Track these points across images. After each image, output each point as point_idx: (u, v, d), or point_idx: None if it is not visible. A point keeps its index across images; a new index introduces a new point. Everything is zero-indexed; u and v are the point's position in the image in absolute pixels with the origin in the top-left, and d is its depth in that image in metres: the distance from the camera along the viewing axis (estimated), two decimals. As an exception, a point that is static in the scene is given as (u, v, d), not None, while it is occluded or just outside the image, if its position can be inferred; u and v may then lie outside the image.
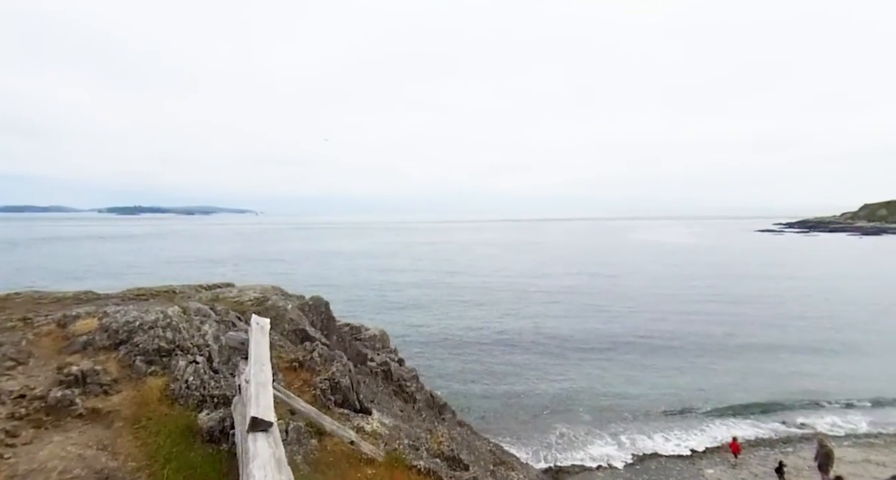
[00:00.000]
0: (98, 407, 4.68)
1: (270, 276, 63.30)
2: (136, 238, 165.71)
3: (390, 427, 6.75)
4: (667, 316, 40.72)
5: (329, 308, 12.25)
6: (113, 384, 4.97)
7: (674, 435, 21.29)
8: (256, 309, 10.03)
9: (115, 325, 5.54)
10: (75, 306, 8.66)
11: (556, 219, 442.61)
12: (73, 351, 5.36)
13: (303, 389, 6.52)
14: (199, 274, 66.56)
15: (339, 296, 48.97)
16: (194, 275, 63.69)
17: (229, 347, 4.58)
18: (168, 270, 71.64)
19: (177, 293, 11.86)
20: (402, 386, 12.57)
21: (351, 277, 64.60)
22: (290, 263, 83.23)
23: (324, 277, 64.49)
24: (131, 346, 5.31)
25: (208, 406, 4.93)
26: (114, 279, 62.64)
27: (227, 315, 9.25)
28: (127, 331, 5.45)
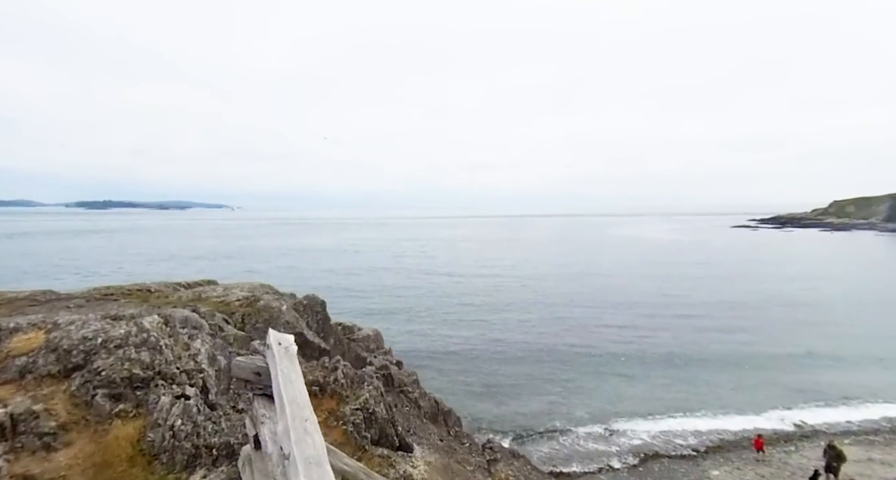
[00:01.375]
0: (32, 474, 3.06)
1: (250, 274, 61.19)
2: (105, 233, 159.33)
3: (440, 469, 5.63)
4: (659, 315, 40.47)
5: (325, 308, 11.06)
6: (60, 432, 3.30)
7: (675, 435, 20.75)
8: (246, 310, 8.79)
9: (67, 342, 3.79)
10: (26, 309, 7.29)
11: (537, 216, 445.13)
12: (3, 381, 3.66)
13: (329, 423, 5.26)
14: (174, 271, 63.89)
15: (323, 294, 47.41)
16: (170, 272, 61.17)
17: (236, 379, 2.98)
18: (141, 267, 68.62)
19: (152, 292, 10.49)
20: (404, 392, 11.48)
21: (332, 274, 62.89)
22: (268, 259, 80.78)
23: (304, 274, 62.62)
24: (90, 374, 3.55)
25: (204, 464, 3.46)
26: (80, 277, 59.62)
27: (212, 317, 7.99)
28: (84, 352, 3.72)
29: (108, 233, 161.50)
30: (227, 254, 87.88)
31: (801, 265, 67.48)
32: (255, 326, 8.43)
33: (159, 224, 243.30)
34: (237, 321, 8.50)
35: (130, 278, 54.57)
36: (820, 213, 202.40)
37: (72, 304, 8.15)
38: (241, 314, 8.71)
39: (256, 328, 8.40)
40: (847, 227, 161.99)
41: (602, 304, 42.66)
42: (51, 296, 9.78)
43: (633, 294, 47.23)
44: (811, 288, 51.26)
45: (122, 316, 3.97)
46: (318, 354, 8.74)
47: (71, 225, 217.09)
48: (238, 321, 8.51)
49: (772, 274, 59.06)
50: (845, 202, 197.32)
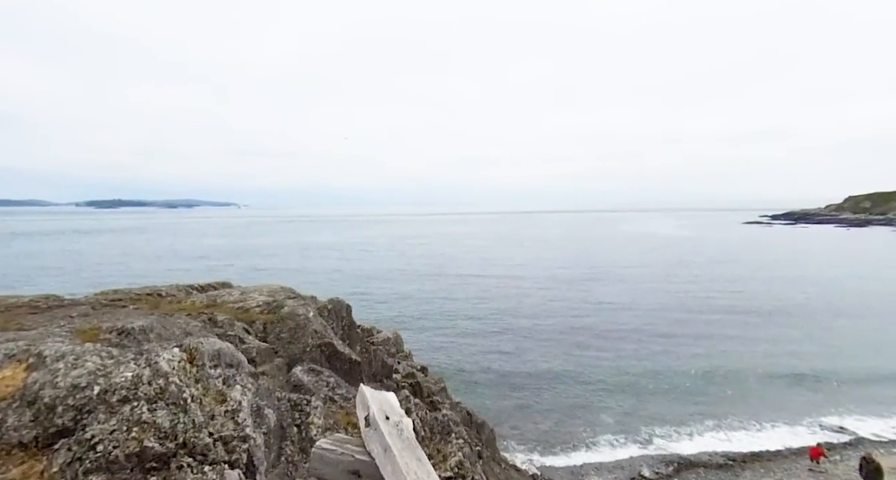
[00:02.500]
0: None
1: (258, 273, 60.66)
2: (115, 232, 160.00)
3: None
4: (680, 312, 39.33)
5: (350, 312, 10.16)
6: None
7: (708, 444, 19.70)
8: (268, 317, 7.90)
9: (50, 392, 2.60)
10: (23, 319, 6.44)
11: (542, 212, 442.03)
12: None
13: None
14: (183, 269, 63.50)
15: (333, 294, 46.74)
16: (178, 271, 60.74)
17: (314, 470, 1.75)
18: (149, 266, 68.35)
19: (163, 296, 9.64)
20: (434, 404, 10.58)
21: (340, 273, 62.14)
22: (275, 258, 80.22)
23: (313, 273, 61.95)
24: (80, 447, 2.41)
25: None
26: (89, 276, 59.41)
27: (231, 327, 7.11)
28: (73, 408, 2.55)
29: (118, 232, 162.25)
30: (235, 253, 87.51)
31: (827, 264, 65.44)
32: (279, 336, 7.54)
33: (168, 222, 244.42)
34: (258, 330, 7.62)
35: (139, 278, 54.40)
36: (834, 209, 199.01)
37: (75, 313, 7.31)
38: (263, 322, 7.82)
39: (281, 338, 7.51)
40: (863, 223, 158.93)
41: (623, 307, 41.34)
42: (53, 302, 8.96)
43: (656, 296, 45.79)
44: (843, 288, 49.28)
45: (127, 346, 2.94)
46: (349, 366, 7.86)
47: (82, 224, 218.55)
48: (259, 330, 7.63)
49: (800, 275, 56.76)
50: (860, 197, 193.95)
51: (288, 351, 7.21)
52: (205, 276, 57.19)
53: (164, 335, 5.85)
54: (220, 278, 48.03)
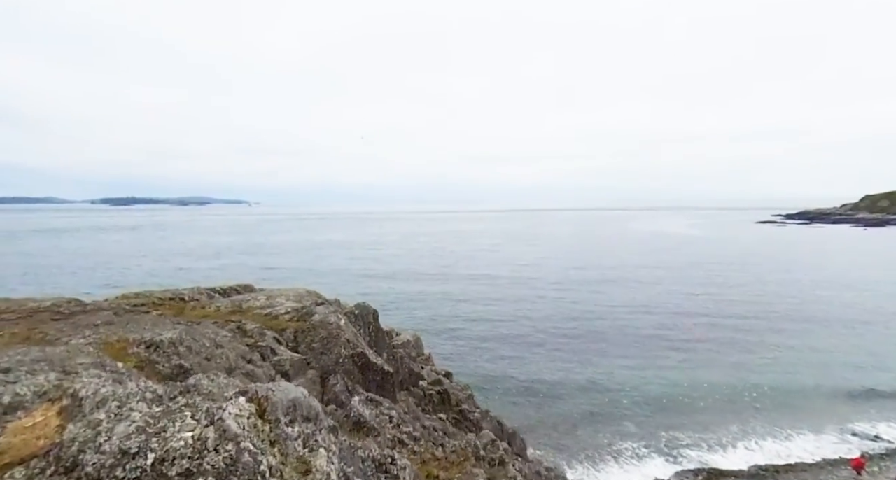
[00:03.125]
0: None
1: (270, 272, 60.80)
2: (130, 229, 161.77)
3: None
4: (699, 315, 38.44)
5: (377, 318, 9.76)
6: None
7: (739, 452, 19.03)
8: (298, 325, 7.52)
9: (93, 457, 2.05)
10: (45, 327, 6.11)
11: (551, 210, 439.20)
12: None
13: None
14: (198, 268, 63.77)
15: (344, 294, 46.63)
16: (194, 270, 61.04)
17: None
18: (165, 263, 68.75)
19: (186, 301, 9.31)
20: (463, 413, 10.14)
21: (350, 272, 61.92)
22: (289, 256, 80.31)
23: (324, 273, 61.85)
24: None
25: None
26: (106, 274, 59.91)
27: (262, 337, 6.73)
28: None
29: (133, 229, 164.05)
30: (247, 251, 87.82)
31: (849, 265, 63.73)
32: (310, 346, 7.15)
33: (181, 220, 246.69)
34: (289, 339, 7.24)
35: (156, 277, 54.63)
36: (850, 208, 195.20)
37: (99, 320, 6.98)
38: (294, 330, 7.44)
39: (313, 348, 7.12)
40: (881, 223, 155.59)
41: (640, 310, 40.36)
42: (75, 307, 8.67)
43: (674, 298, 44.72)
44: (868, 291, 47.73)
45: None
46: (381, 377, 7.46)
47: (97, 221, 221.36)
48: (290, 339, 7.25)
49: (823, 277, 55.06)
50: (878, 196, 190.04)
51: (320, 362, 6.82)
52: (220, 275, 57.42)
53: (194, 347, 5.49)
54: (235, 277, 48.52)
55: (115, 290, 45.58)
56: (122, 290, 41.19)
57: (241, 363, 5.82)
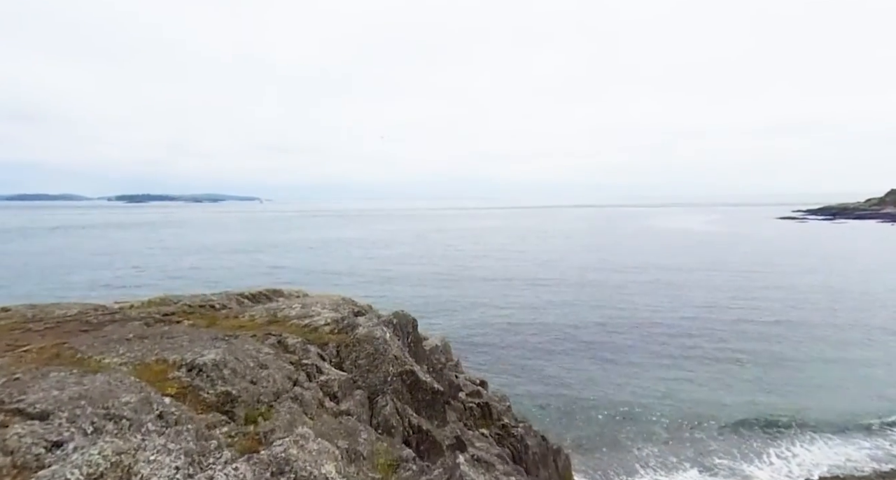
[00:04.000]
0: None
1: (281, 272, 60.89)
2: (146, 226, 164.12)
3: None
4: (728, 317, 37.36)
5: (416, 328, 9.22)
6: None
7: (781, 458, 18.25)
8: (340, 338, 6.99)
9: None
10: (74, 339, 5.67)
11: (565, 206, 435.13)
12: None
13: None
14: (214, 265, 64.13)
15: (358, 292, 46.45)
16: (209, 267, 61.41)
17: None
18: (181, 261, 69.27)
19: (217, 309, 8.87)
20: (506, 428, 9.56)
21: (365, 270, 61.62)
22: (300, 253, 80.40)
23: (337, 270, 61.72)
24: None
25: None
26: (125, 272, 60.52)
27: (305, 353, 6.22)
28: None
29: (149, 225, 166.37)
30: (259, 249, 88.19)
31: (888, 265, 61.63)
32: (356, 363, 6.62)
33: (194, 217, 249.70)
34: (331, 354, 6.71)
35: (171, 276, 54.93)
36: (875, 203, 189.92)
37: (131, 333, 6.54)
38: (336, 344, 6.91)
39: (358, 365, 6.59)
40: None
41: (669, 314, 39.10)
42: (103, 316, 8.27)
43: (702, 297, 43.57)
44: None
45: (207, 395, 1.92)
46: (431, 397, 6.92)
47: (114, 218, 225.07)
48: (333, 354, 6.72)
49: (862, 277, 53.11)
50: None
51: (367, 381, 6.30)
52: (238, 274, 57.50)
53: (238, 370, 4.99)
54: (249, 275, 48.85)
55: (130, 290, 45.87)
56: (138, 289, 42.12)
57: (287, 385, 5.32)
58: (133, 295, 42.24)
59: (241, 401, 4.50)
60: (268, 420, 4.52)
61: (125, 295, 40.33)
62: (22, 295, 41.66)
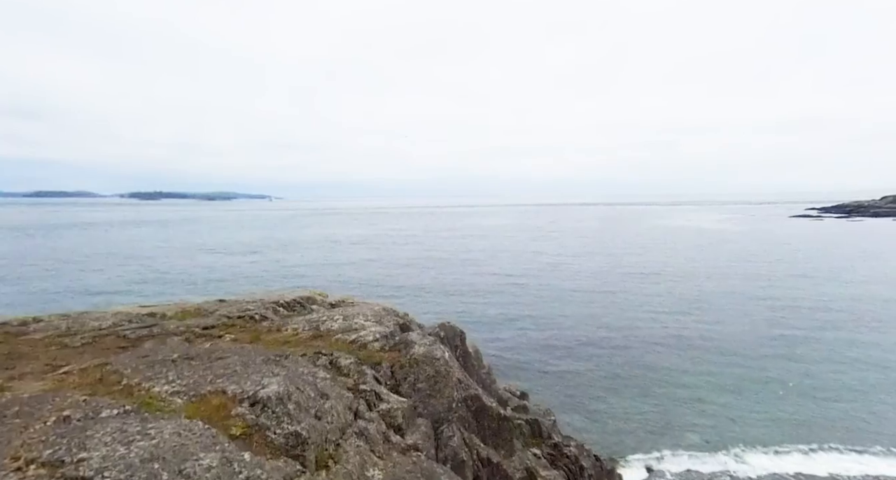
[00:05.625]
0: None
1: (288, 271, 60.85)
2: (160, 223, 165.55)
3: None
4: (752, 320, 36.39)
5: (464, 340, 8.71)
6: None
7: (822, 465, 17.53)
8: (395, 357, 6.51)
9: None
10: (114, 357, 5.21)
11: (575, 204, 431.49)
12: None
13: None
14: (234, 265, 64.18)
15: (372, 293, 46.18)
16: (224, 266, 61.53)
17: None
18: (197, 260, 69.47)
19: (257, 320, 8.43)
20: (558, 448, 9.02)
21: (375, 270, 61.25)
22: (311, 252, 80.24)
23: (348, 270, 61.45)
24: None
25: None
26: (142, 271, 60.84)
27: (362, 376, 5.72)
28: None
29: (163, 223, 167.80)
30: (271, 246, 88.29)
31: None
32: (414, 386, 6.12)
33: (206, 215, 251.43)
34: (386, 376, 6.22)
35: (188, 275, 54.96)
36: (892, 201, 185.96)
37: (175, 353, 6.09)
38: (390, 364, 6.42)
39: (418, 389, 6.09)
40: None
41: (690, 317, 38.25)
42: (139, 328, 7.87)
43: (721, 303, 42.54)
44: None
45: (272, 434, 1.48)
46: (498, 425, 6.41)
47: (128, 216, 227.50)
48: (387, 376, 6.23)
49: (886, 278, 51.84)
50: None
51: (429, 408, 5.81)
52: (256, 273, 57.27)
53: (302, 402, 4.51)
54: (271, 275, 48.12)
55: (151, 289, 45.85)
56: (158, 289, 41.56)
57: (348, 416, 4.85)
58: (156, 296, 42.05)
59: (311, 443, 4.02)
60: (338, 462, 4.05)
61: (146, 296, 40.39)
62: (43, 294, 41.89)
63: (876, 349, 30.16)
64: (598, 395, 24.29)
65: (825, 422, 21.27)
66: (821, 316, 37.24)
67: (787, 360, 28.49)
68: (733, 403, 23.15)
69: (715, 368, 27.42)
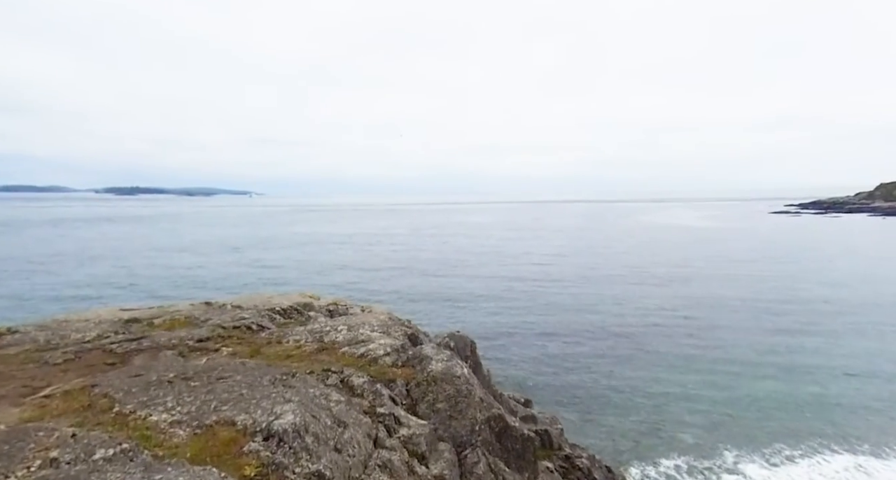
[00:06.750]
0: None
1: (278, 271, 59.76)
2: (141, 220, 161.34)
3: None
4: (737, 317, 36.80)
5: (475, 351, 8.31)
6: None
7: (800, 465, 17.62)
8: (409, 374, 6.06)
9: None
10: (104, 375, 4.64)
11: (560, 201, 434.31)
12: None
13: None
14: (219, 264, 62.61)
15: (356, 294, 45.59)
16: (215, 265, 59.95)
17: None
18: (180, 258, 67.68)
19: (255, 331, 7.90)
20: (570, 460, 8.70)
21: (360, 269, 60.47)
22: (292, 250, 78.89)
23: (331, 268, 60.58)
24: None
25: None
26: (117, 271, 59.02)
27: (378, 398, 5.27)
28: None
29: (139, 219, 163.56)
30: (251, 245, 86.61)
31: (886, 257, 61.66)
32: (433, 407, 5.69)
33: (187, 211, 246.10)
34: (401, 395, 5.78)
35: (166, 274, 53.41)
36: (865, 197, 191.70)
37: (171, 373, 5.53)
38: (405, 381, 5.98)
39: (437, 410, 5.66)
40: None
41: (677, 314, 38.37)
42: (127, 342, 7.25)
43: (706, 299, 42.90)
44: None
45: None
46: (521, 446, 6.03)
47: (103, 211, 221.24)
48: (402, 394, 5.79)
49: (871, 272, 53.12)
50: (893, 185, 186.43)
51: (450, 431, 5.39)
52: (238, 273, 55.85)
53: (321, 435, 4.05)
54: (246, 275, 46.67)
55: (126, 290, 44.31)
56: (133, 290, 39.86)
57: (369, 446, 4.41)
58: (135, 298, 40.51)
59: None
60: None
61: (124, 299, 38.93)
62: (10, 299, 39.81)
63: (862, 345, 30.77)
64: (592, 397, 24.18)
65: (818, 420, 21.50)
66: (807, 313, 37.85)
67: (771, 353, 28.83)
68: (725, 402, 23.27)
69: (705, 365, 27.58)
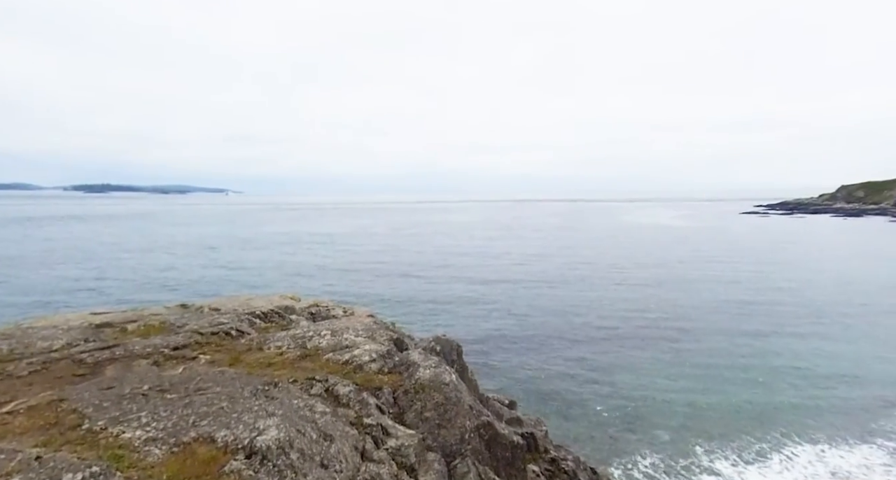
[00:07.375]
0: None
1: (253, 271, 58.73)
2: (111, 218, 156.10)
3: None
4: (713, 315, 37.76)
5: (461, 355, 8.22)
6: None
7: (773, 460, 18.16)
8: (396, 381, 5.91)
9: None
10: (73, 387, 4.37)
11: (537, 200, 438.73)
12: None
13: None
14: (192, 265, 60.97)
15: (336, 294, 45.12)
16: (189, 265, 58.35)
17: None
18: (163, 260, 65.70)
19: (234, 337, 7.62)
20: (556, 463, 8.69)
21: (338, 269, 59.82)
22: (268, 250, 77.50)
23: (308, 269, 59.80)
24: None
25: None
26: (97, 274, 56.96)
27: (364, 407, 5.12)
28: None
29: (109, 218, 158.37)
30: (231, 244, 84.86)
31: (850, 257, 64.50)
32: (421, 416, 5.56)
33: (160, 209, 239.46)
34: (388, 403, 5.64)
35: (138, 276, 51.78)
36: (828, 199, 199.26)
37: (146, 385, 5.25)
38: (392, 389, 5.83)
39: (425, 419, 5.53)
40: (858, 213, 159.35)
41: (652, 311, 39.28)
42: (98, 350, 6.89)
43: (682, 298, 43.76)
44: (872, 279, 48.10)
45: None
46: (511, 454, 5.96)
47: (71, 209, 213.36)
48: (389, 403, 5.65)
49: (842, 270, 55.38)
50: (853, 186, 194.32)
51: (439, 440, 5.28)
52: (217, 277, 54.52)
53: (307, 450, 3.89)
54: (231, 276, 45.68)
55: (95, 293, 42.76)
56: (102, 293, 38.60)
57: (356, 459, 4.27)
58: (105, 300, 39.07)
59: (324, 501, 3.43)
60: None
61: (91, 304, 37.51)
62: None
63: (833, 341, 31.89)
64: (572, 396, 24.38)
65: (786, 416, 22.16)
66: (776, 314, 39.03)
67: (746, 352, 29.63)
68: (700, 400, 23.77)
69: (682, 366, 28.14)
